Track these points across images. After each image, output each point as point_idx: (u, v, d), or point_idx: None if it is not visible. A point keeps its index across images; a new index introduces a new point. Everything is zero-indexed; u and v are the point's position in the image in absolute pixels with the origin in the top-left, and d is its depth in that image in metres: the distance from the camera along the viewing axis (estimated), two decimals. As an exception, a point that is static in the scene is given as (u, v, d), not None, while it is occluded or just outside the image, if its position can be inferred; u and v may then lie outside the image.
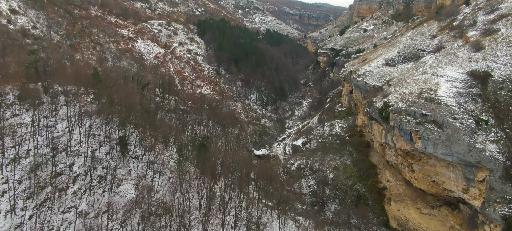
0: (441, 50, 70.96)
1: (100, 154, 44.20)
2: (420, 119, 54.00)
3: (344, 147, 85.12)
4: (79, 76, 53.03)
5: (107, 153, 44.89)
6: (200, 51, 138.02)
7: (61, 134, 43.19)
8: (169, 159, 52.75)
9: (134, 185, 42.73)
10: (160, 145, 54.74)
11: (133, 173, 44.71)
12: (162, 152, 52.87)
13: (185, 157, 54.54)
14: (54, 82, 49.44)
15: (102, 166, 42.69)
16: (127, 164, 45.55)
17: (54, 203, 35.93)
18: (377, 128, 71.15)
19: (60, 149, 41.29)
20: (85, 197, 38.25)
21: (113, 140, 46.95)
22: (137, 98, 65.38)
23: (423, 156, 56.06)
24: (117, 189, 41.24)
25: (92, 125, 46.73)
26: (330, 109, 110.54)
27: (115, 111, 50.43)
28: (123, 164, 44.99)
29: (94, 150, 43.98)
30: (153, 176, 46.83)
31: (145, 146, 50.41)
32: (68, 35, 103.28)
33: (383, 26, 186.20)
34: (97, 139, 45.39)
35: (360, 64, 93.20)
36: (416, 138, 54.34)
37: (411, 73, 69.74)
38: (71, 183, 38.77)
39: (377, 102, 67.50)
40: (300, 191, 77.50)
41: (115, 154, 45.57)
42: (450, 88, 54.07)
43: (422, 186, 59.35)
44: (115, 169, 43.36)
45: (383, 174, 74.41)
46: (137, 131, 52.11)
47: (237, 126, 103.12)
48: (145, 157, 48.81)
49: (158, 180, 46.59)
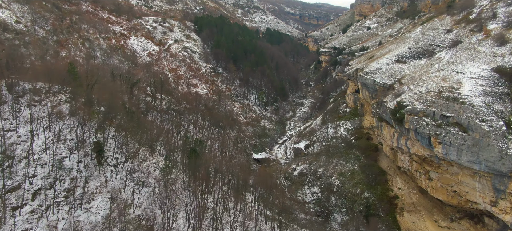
0: (458, 45, 64.45)
1: (70, 162, 37.74)
2: (440, 120, 47.53)
3: (350, 150, 78.61)
4: (52, 73, 46.42)
5: (79, 161, 38.45)
6: (196, 49, 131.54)
7: (24, 139, 36.67)
8: (155, 166, 46.26)
9: (110, 199, 36.26)
10: (146, 150, 48.24)
11: (110, 184, 38.26)
12: (147, 159, 46.37)
13: (174, 164, 48.01)
14: (21, 79, 42.96)
15: (71, 177, 36.26)
16: (103, 174, 39.11)
17: (4, 225, 29.43)
18: (387, 131, 64.66)
19: (18, 158, 34.78)
20: (46, 216, 31.84)
21: (88, 146, 40.52)
22: (122, 98, 58.96)
23: (443, 163, 49.60)
24: (88, 204, 34.82)
25: (63, 128, 40.26)
26: (334, 110, 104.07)
27: (92, 112, 43.92)
28: (99, 174, 38.54)
29: (63, 158, 37.52)
30: (135, 187, 40.35)
31: (127, 152, 43.93)
32: (54, 30, 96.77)
33: (387, 24, 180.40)
34: (68, 145, 38.90)
35: (367, 62, 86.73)
36: (435, 143, 47.85)
37: (425, 70, 63.27)
38: (30, 199, 32.36)
39: (388, 102, 61.02)
40: (302, 199, 71.05)
41: (89, 162, 39.12)
42: (475, 86, 47.60)
43: (440, 196, 52.87)
44: (88, 180, 36.93)
45: (394, 181, 67.93)
46: (119, 134, 45.61)
47: (235, 128, 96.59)
48: (127, 164, 42.33)
49: (140, 191, 40.15)
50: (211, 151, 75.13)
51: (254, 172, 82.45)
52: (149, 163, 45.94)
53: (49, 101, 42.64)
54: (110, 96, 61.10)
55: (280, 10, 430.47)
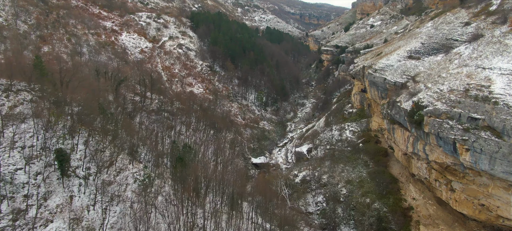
0: (479, 39, 57.87)
1: (25, 175, 31.09)
2: (468, 123, 40.86)
3: (357, 155, 71.87)
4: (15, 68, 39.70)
5: (39, 173, 31.82)
6: (192, 46, 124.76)
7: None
8: (136, 177, 39.52)
9: (74, 220, 29.59)
10: (125, 158, 41.51)
11: (75, 202, 31.61)
12: (126, 168, 39.64)
13: (160, 173, 41.28)
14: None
15: (24, 193, 29.63)
16: (69, 188, 32.42)
17: None
18: (400, 134, 57.99)
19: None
20: (-16, 246, 25.37)
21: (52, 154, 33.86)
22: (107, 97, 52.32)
23: (470, 172, 42.92)
24: (44, 228, 28.18)
25: (21, 133, 33.60)
26: (339, 110, 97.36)
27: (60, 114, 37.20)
28: (62, 189, 31.89)
29: (16, 170, 30.88)
30: (108, 204, 33.65)
31: (101, 160, 37.21)
32: (38, 25, 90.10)
33: (392, 21, 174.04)
34: (24, 153, 32.24)
35: (374, 59, 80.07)
36: (462, 149, 41.16)
37: (443, 66, 56.58)
38: (-36, 224, 25.82)
39: (402, 102, 54.33)
40: (306, 209, 64.32)
41: (51, 173, 32.47)
42: (508, 84, 40.92)
43: (464, 209, 46.12)
44: (47, 197, 30.29)
45: (407, 190, 61.17)
46: (93, 139, 38.90)
47: (232, 130, 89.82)
48: (100, 176, 35.63)
49: (113, 209, 33.46)
50: (206, 156, 68.52)
51: (252, 178, 75.85)
52: (129, 173, 39.19)
53: (8, 100, 35.96)
54: (92, 95, 54.72)
55: (280, 9, 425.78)
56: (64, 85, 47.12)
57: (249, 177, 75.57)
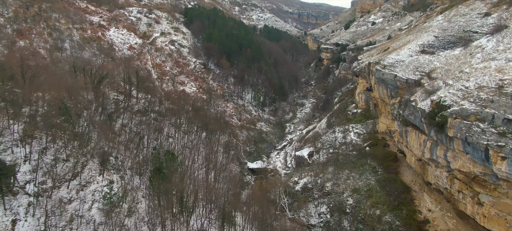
0: (503, 30, 51.41)
1: (-50, 194, 24.35)
2: (504, 127, 34.25)
3: (364, 160, 65.23)
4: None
5: (-28, 190, 25.10)
6: (185, 43, 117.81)
7: None
8: (105, 191, 32.60)
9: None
10: (95, 168, 34.60)
11: (19, 228, 24.81)
12: (94, 180, 32.74)
13: (135, 187, 34.37)
14: None
15: None
16: (12, 209, 25.60)
17: None
18: (415, 138, 51.34)
19: None
20: None
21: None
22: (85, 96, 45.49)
23: (503, 184, 36.33)
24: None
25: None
26: (341, 111, 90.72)
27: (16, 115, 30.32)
28: (2, 211, 25.10)
29: None
30: (64, 228, 26.80)
31: (61, 172, 30.33)
32: (16, 18, 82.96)
33: (394, 18, 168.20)
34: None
35: (381, 54, 73.51)
36: (496, 157, 34.52)
37: (464, 61, 50.03)
38: None
39: (418, 101, 47.67)
40: (307, 221, 57.61)
41: (-10, 191, 25.74)
42: (552, 79, 34.37)
43: (495, 226, 39.43)
44: (-21, 223, 23.63)
45: (421, 200, 54.52)
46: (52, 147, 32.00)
47: (227, 132, 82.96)
48: (57, 192, 28.77)
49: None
50: (196, 161, 61.75)
51: (248, 185, 69.10)
52: (97, 186, 32.31)
53: None
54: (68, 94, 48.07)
55: (278, 8, 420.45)
56: (27, 82, 40.26)
57: (245, 184, 68.85)
